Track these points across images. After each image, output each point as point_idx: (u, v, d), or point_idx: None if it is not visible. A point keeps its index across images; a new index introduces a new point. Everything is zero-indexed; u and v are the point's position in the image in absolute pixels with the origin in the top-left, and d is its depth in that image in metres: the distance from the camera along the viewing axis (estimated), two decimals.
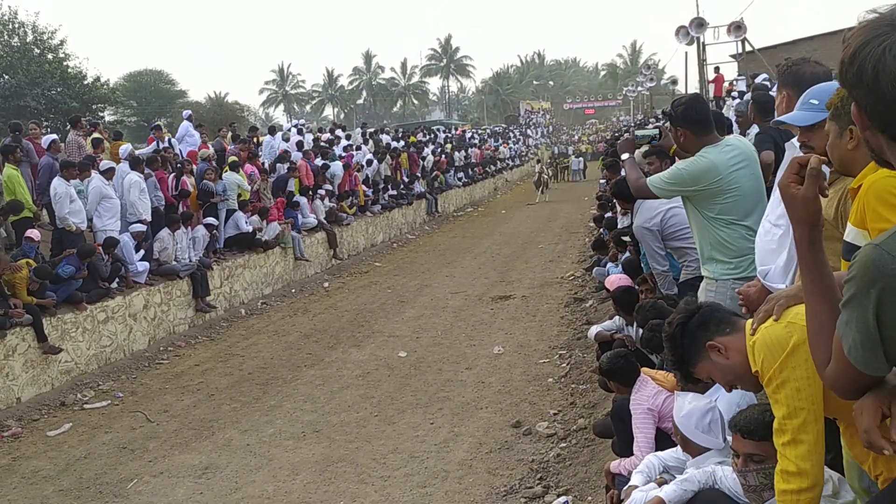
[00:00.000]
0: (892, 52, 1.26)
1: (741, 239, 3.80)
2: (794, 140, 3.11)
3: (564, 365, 8.48)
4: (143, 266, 10.79)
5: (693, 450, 3.14)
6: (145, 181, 11.24)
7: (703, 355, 2.23)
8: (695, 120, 3.96)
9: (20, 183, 9.72)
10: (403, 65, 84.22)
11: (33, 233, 9.24)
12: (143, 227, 10.87)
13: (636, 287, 5.88)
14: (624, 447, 3.98)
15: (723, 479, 2.52)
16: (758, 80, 11.49)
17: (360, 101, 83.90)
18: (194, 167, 13.17)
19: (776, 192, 3.18)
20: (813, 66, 3.19)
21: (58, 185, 9.84)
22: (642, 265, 6.40)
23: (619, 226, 8.74)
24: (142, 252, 10.91)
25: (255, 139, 17.00)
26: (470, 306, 12.15)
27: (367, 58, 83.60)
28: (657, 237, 5.23)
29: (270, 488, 5.96)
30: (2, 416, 7.94)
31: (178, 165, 12.74)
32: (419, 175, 24.50)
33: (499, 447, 6.42)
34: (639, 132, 5.04)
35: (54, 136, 11.29)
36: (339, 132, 22.04)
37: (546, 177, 31.05)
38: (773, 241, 3.00)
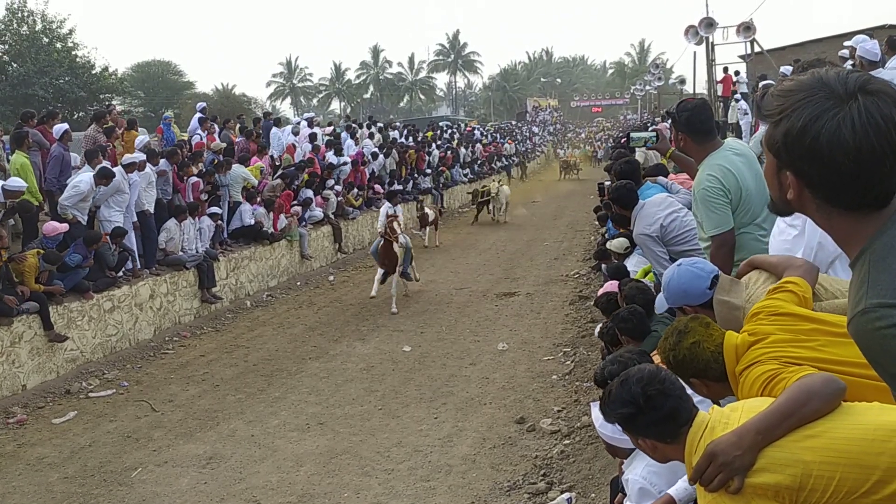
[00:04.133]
0: (847, 126, 1.27)
1: (753, 241, 3.76)
2: None
3: (569, 362, 8.50)
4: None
5: (622, 453, 3.24)
6: (156, 175, 11.25)
7: (633, 437, 2.23)
8: (698, 129, 3.91)
9: (30, 172, 9.74)
10: (411, 60, 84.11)
11: (56, 226, 9.20)
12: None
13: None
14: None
15: None
16: (782, 70, 11.41)
17: (367, 96, 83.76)
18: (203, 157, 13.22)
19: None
20: (830, 67, 3.19)
21: (84, 182, 9.79)
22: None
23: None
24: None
25: (259, 130, 17.01)
26: (474, 302, 12.16)
27: (375, 52, 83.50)
28: (658, 242, 5.18)
29: (274, 479, 5.99)
30: (7, 403, 7.97)
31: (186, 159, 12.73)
32: (426, 171, 24.49)
33: (502, 443, 6.44)
34: (635, 135, 5.04)
35: (66, 126, 11.29)
36: (344, 134, 21.88)
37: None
38: (788, 241, 2.99)
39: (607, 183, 12.41)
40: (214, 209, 12.56)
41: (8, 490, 6.05)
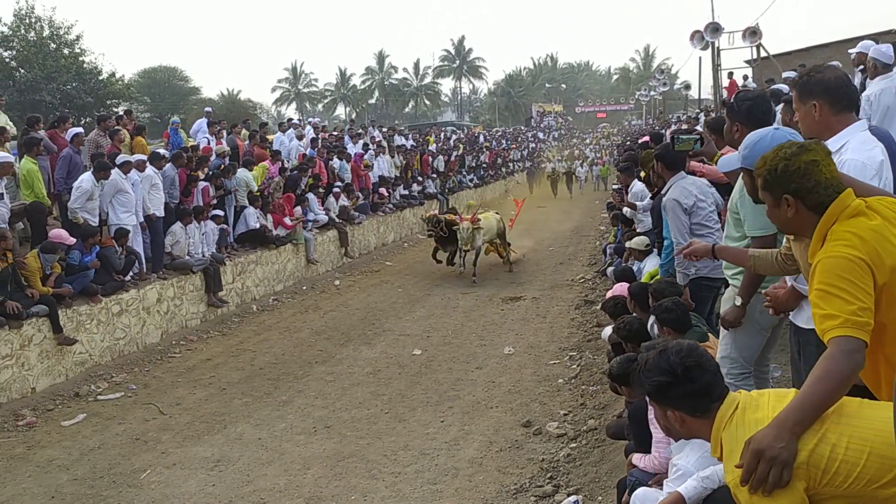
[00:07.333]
0: None
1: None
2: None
3: (575, 366, 8.51)
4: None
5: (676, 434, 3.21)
6: (161, 177, 11.31)
7: (660, 409, 2.24)
8: (759, 120, 3.74)
9: (38, 177, 9.80)
10: (416, 65, 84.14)
11: (61, 234, 9.25)
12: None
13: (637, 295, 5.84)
14: (641, 447, 4.01)
15: None
16: (784, 75, 11.38)
17: (373, 101, 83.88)
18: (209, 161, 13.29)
19: None
20: (833, 70, 3.19)
21: (86, 180, 9.91)
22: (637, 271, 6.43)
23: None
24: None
25: (265, 135, 17.11)
26: (480, 306, 12.19)
27: (380, 58, 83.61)
28: (686, 213, 5.17)
29: (282, 482, 6.02)
30: (17, 406, 8.02)
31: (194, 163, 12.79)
32: (431, 175, 24.55)
33: (509, 446, 6.45)
34: (683, 136, 5.03)
35: (79, 130, 11.39)
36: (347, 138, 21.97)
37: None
38: None
39: (615, 186, 12.28)
40: (217, 211, 12.62)
41: (18, 492, 6.08)
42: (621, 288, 6.31)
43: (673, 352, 2.15)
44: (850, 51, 9.11)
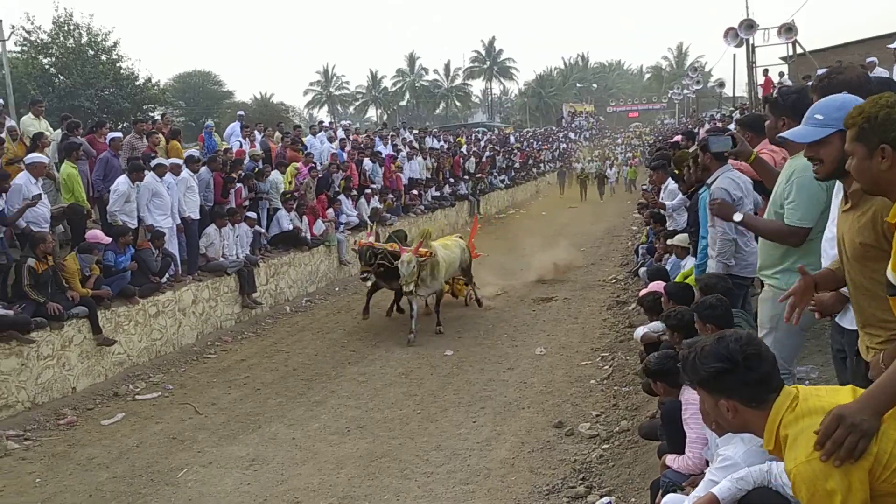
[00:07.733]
0: None
1: (819, 249, 3.62)
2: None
3: (607, 367, 8.47)
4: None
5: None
6: (196, 180, 11.48)
7: (712, 399, 2.17)
8: (805, 113, 3.74)
9: (78, 181, 10.02)
10: (447, 67, 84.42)
11: (97, 234, 9.46)
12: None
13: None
14: (675, 448, 3.98)
15: (778, 477, 2.52)
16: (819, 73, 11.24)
17: (403, 103, 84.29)
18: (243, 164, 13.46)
19: (837, 197, 3.09)
20: (853, 69, 3.12)
21: (122, 183, 10.13)
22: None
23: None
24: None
25: (299, 136, 17.28)
26: (512, 307, 12.17)
27: (411, 59, 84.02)
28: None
29: (316, 481, 6.07)
30: (58, 405, 8.20)
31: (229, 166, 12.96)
32: (463, 176, 24.59)
33: (541, 447, 6.44)
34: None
35: (117, 134, 11.64)
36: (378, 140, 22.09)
37: None
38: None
39: (644, 187, 12.15)
40: (251, 213, 12.78)
41: (60, 489, 6.23)
42: (657, 286, 6.26)
43: (732, 339, 2.11)
44: (888, 46, 8.96)
